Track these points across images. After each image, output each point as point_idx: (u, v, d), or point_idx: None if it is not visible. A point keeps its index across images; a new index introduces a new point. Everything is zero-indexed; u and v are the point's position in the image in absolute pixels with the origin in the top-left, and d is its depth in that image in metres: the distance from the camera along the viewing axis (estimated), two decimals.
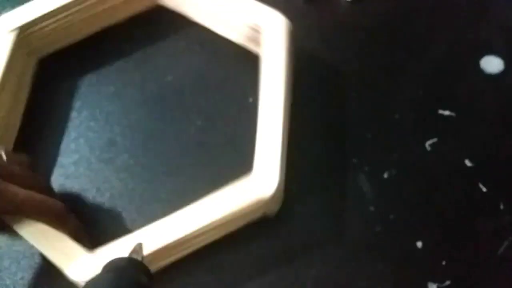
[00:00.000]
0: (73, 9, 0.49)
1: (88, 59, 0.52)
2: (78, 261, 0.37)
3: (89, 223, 0.43)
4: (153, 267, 0.36)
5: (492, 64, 0.50)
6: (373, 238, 0.42)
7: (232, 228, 0.41)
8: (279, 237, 0.43)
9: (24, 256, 0.43)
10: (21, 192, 0.36)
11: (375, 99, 0.49)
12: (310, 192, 0.45)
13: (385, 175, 0.45)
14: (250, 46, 0.49)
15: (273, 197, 0.40)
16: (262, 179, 0.39)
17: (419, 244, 0.42)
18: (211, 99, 0.50)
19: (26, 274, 0.42)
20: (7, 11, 0.48)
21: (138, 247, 0.36)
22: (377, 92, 0.49)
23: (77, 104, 0.50)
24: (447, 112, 0.48)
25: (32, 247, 0.42)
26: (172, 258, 0.41)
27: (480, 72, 0.50)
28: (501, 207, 0.43)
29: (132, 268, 0.33)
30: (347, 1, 0.55)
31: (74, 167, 0.46)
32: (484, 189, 0.44)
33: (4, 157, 0.38)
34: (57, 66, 0.52)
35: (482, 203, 0.43)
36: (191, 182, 0.45)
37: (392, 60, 0.51)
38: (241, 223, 0.41)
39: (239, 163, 0.41)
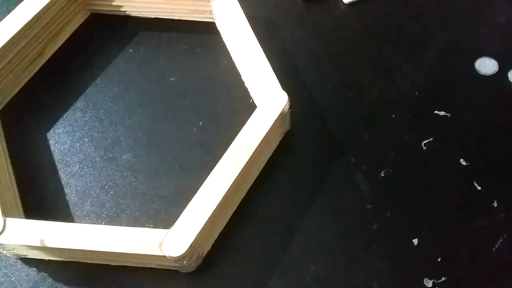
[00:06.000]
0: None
1: (92, 62, 0.53)
2: None
3: (93, 220, 0.44)
4: None
5: (487, 65, 0.51)
6: (370, 235, 0.43)
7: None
8: (281, 234, 0.43)
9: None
10: None
11: (372, 99, 0.50)
12: (309, 190, 0.45)
13: (382, 174, 0.46)
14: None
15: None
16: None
17: (415, 241, 0.42)
18: (212, 100, 0.50)
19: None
20: None
21: None
22: (374, 92, 0.50)
23: (81, 104, 0.51)
24: (442, 113, 0.48)
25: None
26: None
27: (475, 73, 0.50)
28: (495, 205, 0.44)
29: None
30: (345, 3, 0.56)
31: (79, 166, 0.47)
32: (479, 188, 0.44)
33: None
34: (61, 71, 0.53)
35: (477, 201, 0.44)
36: (193, 181, 0.45)
37: (389, 61, 0.52)
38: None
39: None
